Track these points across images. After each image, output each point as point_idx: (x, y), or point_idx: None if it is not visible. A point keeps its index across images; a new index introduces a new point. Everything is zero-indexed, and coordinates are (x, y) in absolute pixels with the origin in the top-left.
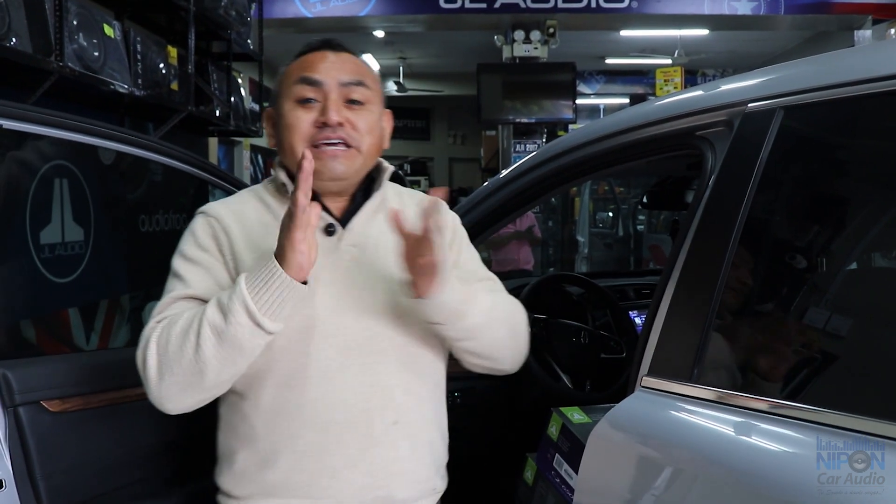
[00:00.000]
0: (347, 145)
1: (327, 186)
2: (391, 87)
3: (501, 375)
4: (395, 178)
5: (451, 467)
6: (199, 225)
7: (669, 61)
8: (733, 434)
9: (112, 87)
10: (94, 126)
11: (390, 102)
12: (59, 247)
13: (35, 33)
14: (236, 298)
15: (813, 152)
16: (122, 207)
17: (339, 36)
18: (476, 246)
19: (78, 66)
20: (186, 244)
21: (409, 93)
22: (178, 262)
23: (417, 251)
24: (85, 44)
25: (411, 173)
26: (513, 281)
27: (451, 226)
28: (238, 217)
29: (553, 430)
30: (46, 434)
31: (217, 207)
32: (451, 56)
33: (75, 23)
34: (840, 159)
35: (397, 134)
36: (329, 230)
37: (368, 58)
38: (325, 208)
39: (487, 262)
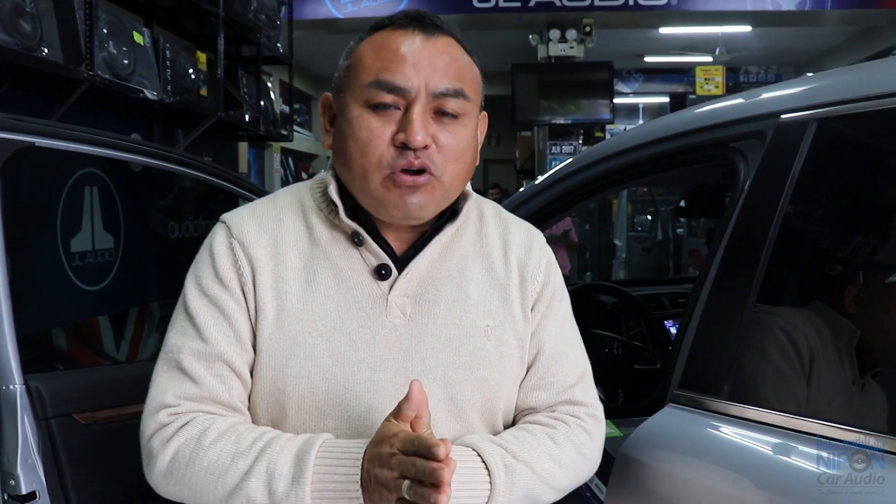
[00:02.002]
0: (429, 173)
1: (398, 222)
2: None
3: None
4: None
5: None
6: (220, 246)
7: (710, 59)
8: (764, 453)
9: (141, 94)
10: (121, 141)
11: None
12: (90, 254)
13: (66, 43)
14: None
15: (848, 165)
16: (152, 214)
17: None
18: None
19: (108, 75)
20: (204, 271)
21: None
22: (193, 296)
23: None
24: (115, 52)
25: None
26: None
27: (542, 275)
28: (272, 238)
29: None
30: (77, 446)
31: (245, 224)
32: (485, 56)
33: (105, 31)
34: (876, 172)
35: None
36: (381, 273)
37: None
38: (383, 243)
39: None
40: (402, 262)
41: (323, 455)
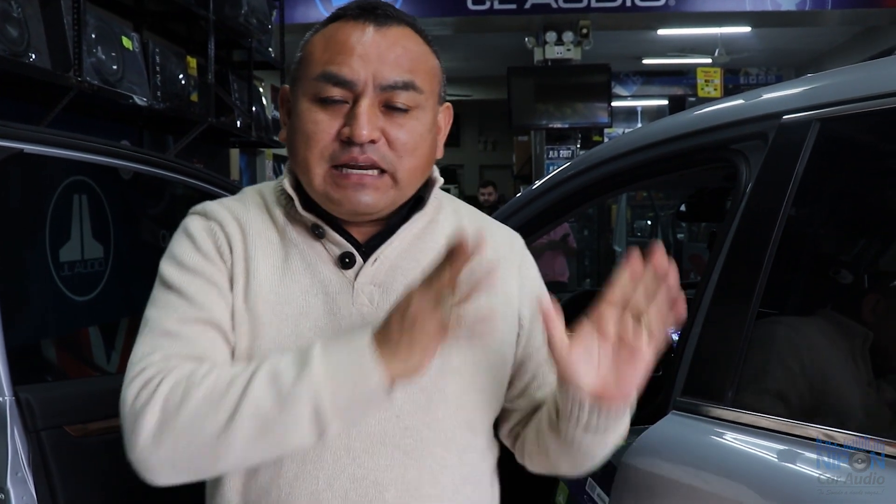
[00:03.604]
0: (380, 169)
1: (347, 217)
2: None
3: None
4: None
5: None
6: (199, 230)
7: (709, 60)
8: (768, 460)
9: (131, 100)
10: (112, 148)
11: None
12: (79, 264)
13: (54, 48)
14: (306, 390)
15: (851, 165)
16: (143, 222)
17: None
18: None
19: (96, 81)
20: (184, 250)
21: None
22: (175, 273)
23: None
24: (103, 57)
25: None
26: None
27: (530, 275)
28: (240, 224)
29: None
30: (69, 459)
31: (217, 209)
32: (481, 59)
33: (94, 36)
34: (880, 173)
35: None
36: (345, 261)
37: None
38: (345, 233)
39: None
40: (368, 250)
41: (326, 343)
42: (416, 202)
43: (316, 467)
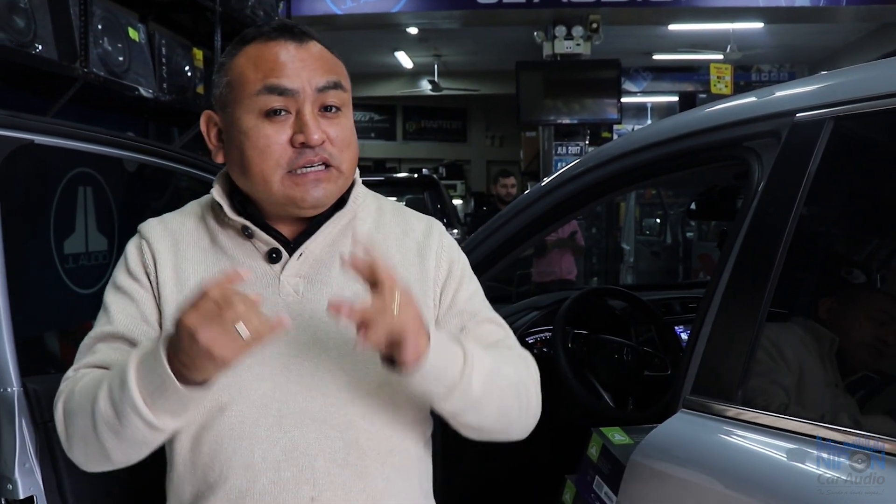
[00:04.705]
0: (327, 165)
1: (303, 213)
2: (425, 87)
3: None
4: (430, 183)
5: (488, 488)
6: (131, 248)
7: (721, 57)
8: (779, 460)
9: (137, 92)
10: (123, 140)
11: (424, 102)
12: (83, 257)
13: (60, 39)
14: (126, 401)
15: (865, 165)
16: (147, 215)
17: (371, 34)
18: (519, 257)
19: (102, 72)
20: (119, 270)
21: (444, 92)
22: (108, 289)
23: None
24: (110, 48)
25: (447, 177)
26: (553, 294)
27: (446, 255)
28: (173, 237)
29: (593, 451)
30: None
31: (152, 226)
32: (489, 53)
33: (100, 27)
34: (894, 172)
35: (432, 136)
36: (273, 257)
37: (401, 56)
38: (274, 232)
39: (527, 274)
40: (295, 246)
41: (140, 357)
42: (339, 200)
43: (251, 443)
